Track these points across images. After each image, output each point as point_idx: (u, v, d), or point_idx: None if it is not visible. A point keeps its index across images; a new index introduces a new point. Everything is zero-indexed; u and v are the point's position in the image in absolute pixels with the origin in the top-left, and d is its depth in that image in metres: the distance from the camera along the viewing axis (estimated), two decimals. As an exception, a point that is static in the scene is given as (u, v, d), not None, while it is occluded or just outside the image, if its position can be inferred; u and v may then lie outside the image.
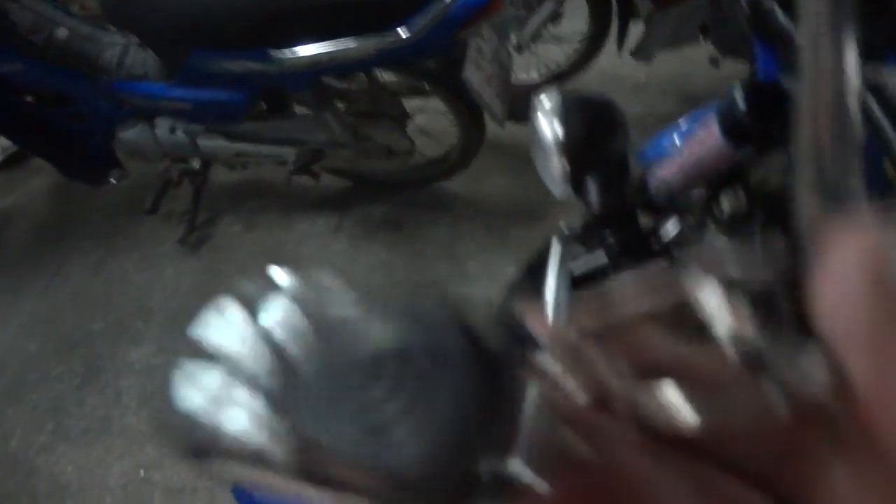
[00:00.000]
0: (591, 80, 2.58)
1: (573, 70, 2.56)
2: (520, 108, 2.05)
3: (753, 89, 0.54)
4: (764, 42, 0.59)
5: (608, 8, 2.32)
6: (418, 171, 2.22)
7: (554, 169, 0.61)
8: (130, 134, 2.00)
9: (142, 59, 1.91)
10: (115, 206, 2.37)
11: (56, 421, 1.81)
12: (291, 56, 1.68)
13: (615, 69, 2.58)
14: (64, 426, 1.79)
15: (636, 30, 2.21)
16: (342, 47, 1.66)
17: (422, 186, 2.26)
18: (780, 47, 0.56)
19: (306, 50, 1.67)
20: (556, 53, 2.57)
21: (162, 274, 2.14)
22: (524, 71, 2.58)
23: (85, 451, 1.73)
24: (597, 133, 0.61)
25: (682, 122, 1.46)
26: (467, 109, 1.92)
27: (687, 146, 0.63)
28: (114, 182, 2.20)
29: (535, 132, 0.63)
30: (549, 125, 0.61)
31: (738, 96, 0.54)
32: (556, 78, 2.59)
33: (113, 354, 1.94)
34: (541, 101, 0.64)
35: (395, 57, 1.72)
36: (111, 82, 1.91)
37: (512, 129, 2.01)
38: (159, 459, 1.68)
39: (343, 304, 0.18)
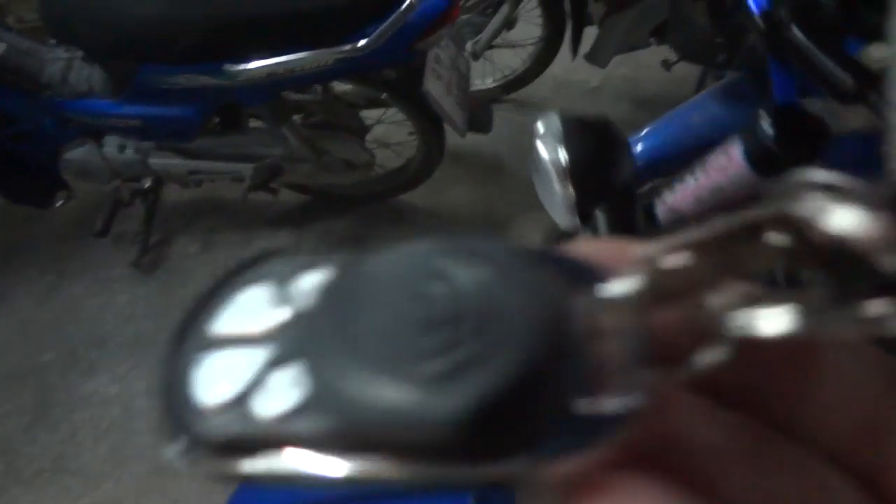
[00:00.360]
0: (544, 86, 2.58)
1: (528, 76, 2.56)
2: (478, 117, 2.04)
3: (780, 116, 0.52)
4: (780, 63, 0.57)
5: (562, 12, 2.33)
6: (379, 183, 2.18)
7: (559, 197, 0.58)
8: (77, 154, 1.90)
9: (87, 74, 1.81)
10: (63, 229, 2.25)
11: (6, 462, 1.70)
12: (247, 69, 1.63)
13: (567, 74, 2.59)
14: (15, 467, 1.69)
15: (589, 35, 2.22)
16: (299, 59, 1.61)
17: (383, 200, 2.22)
18: (798, 68, 0.55)
19: (262, 62, 1.62)
20: (511, 59, 2.57)
21: (115, 299, 2.04)
22: (479, 78, 2.56)
23: (39, 493, 1.63)
24: (601, 157, 0.59)
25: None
26: (428, 120, 1.89)
27: (703, 174, 0.61)
28: (60, 204, 2.09)
29: (536, 159, 0.60)
30: (551, 151, 0.59)
31: (765, 123, 0.52)
32: (512, 84, 2.59)
33: (65, 387, 1.83)
34: (539, 126, 0.62)
35: (354, 67, 1.69)
36: (55, 99, 1.81)
37: (472, 139, 1.99)
38: (119, 497, 1.60)
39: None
